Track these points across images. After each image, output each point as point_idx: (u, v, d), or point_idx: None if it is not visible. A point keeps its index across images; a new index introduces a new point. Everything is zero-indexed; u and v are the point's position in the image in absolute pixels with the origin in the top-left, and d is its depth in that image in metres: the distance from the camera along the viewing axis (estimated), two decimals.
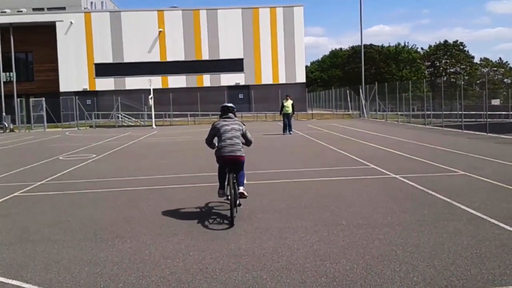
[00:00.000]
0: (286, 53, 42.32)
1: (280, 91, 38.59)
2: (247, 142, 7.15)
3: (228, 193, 6.57)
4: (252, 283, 4.38)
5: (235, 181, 6.58)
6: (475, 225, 6.00)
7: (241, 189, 6.72)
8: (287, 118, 22.55)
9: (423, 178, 9.35)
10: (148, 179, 10.48)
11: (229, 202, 6.54)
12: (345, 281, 4.36)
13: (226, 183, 6.80)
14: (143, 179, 10.51)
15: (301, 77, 42.94)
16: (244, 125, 7.09)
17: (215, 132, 6.95)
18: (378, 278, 4.39)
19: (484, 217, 6.34)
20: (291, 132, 22.39)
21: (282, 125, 23.21)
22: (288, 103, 22.66)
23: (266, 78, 42.41)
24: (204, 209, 7.37)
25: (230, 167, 6.72)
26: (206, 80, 42.26)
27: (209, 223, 6.51)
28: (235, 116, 7.16)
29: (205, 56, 42.10)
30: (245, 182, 7.02)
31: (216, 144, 6.94)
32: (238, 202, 6.71)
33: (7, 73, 40.39)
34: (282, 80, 42.37)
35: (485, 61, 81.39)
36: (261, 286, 4.31)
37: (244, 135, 7.00)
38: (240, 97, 41.24)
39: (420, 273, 4.46)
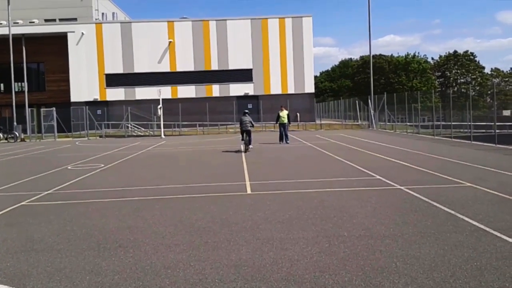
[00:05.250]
0: (295, 63, 42.44)
1: (288, 101, 38.73)
2: (252, 125, 19.59)
3: (244, 141, 19.15)
4: None
5: (248, 139, 19.17)
6: (477, 237, 5.97)
7: (250, 147, 19.38)
8: (283, 127, 23.19)
9: (428, 190, 9.32)
10: (153, 189, 10.55)
11: (244, 144, 19.16)
12: None
13: (243, 140, 19.17)
14: (149, 189, 10.59)
15: (310, 87, 42.97)
16: (251, 118, 19.74)
17: (240, 121, 19.79)
18: None
19: (487, 229, 6.31)
20: (288, 141, 22.89)
21: (293, 136, 23.59)
22: (284, 113, 23.49)
23: (275, 88, 42.51)
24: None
25: (246, 133, 19.16)
26: (215, 90, 42.48)
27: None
28: (249, 115, 19.78)
29: (214, 66, 42.36)
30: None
31: (240, 124, 19.75)
32: (247, 149, 18.94)
33: (19, 83, 40.94)
34: (291, 90, 42.44)
35: (496, 71, 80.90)
36: None
37: (250, 122, 19.50)
38: (249, 107, 41.29)
39: (419, 285, 4.46)
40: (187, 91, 42.10)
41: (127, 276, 4.96)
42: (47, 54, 42.14)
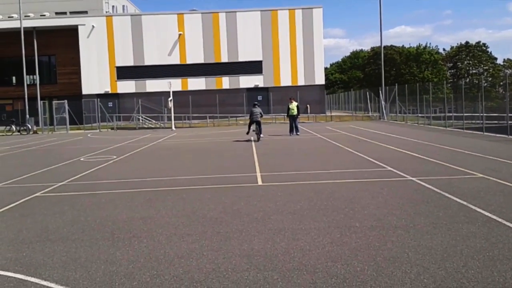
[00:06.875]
0: (305, 55, 42.28)
1: (299, 93, 38.63)
2: (262, 115, 21.14)
3: (253, 131, 20.80)
4: (263, 283, 4.45)
5: (259, 129, 20.44)
6: (490, 227, 5.96)
7: (261, 136, 20.40)
8: (292, 119, 23.16)
9: (440, 181, 9.30)
10: (165, 180, 10.64)
11: (256, 134, 20.57)
12: (355, 282, 4.39)
13: (251, 129, 21.21)
14: (160, 180, 10.67)
15: (320, 79, 42.83)
16: (260, 110, 21.43)
17: (251, 112, 21.22)
18: (388, 279, 4.42)
19: (500, 220, 6.29)
20: (298, 133, 22.89)
21: (303, 127, 23.59)
22: (293, 105, 23.39)
23: (285, 80, 42.44)
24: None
25: (256, 123, 20.62)
26: (225, 82, 42.50)
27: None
28: (258, 106, 21.55)
29: (224, 58, 42.35)
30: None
31: (250, 116, 21.23)
32: (258, 138, 20.14)
33: (31, 76, 41.27)
34: (301, 82, 42.35)
35: (509, 62, 79.86)
36: (271, 286, 4.38)
37: (260, 113, 21.02)
38: (259, 99, 41.28)
39: (430, 275, 4.47)
40: (197, 83, 42.17)
41: (141, 266, 5.03)
42: (58, 47, 42.42)
